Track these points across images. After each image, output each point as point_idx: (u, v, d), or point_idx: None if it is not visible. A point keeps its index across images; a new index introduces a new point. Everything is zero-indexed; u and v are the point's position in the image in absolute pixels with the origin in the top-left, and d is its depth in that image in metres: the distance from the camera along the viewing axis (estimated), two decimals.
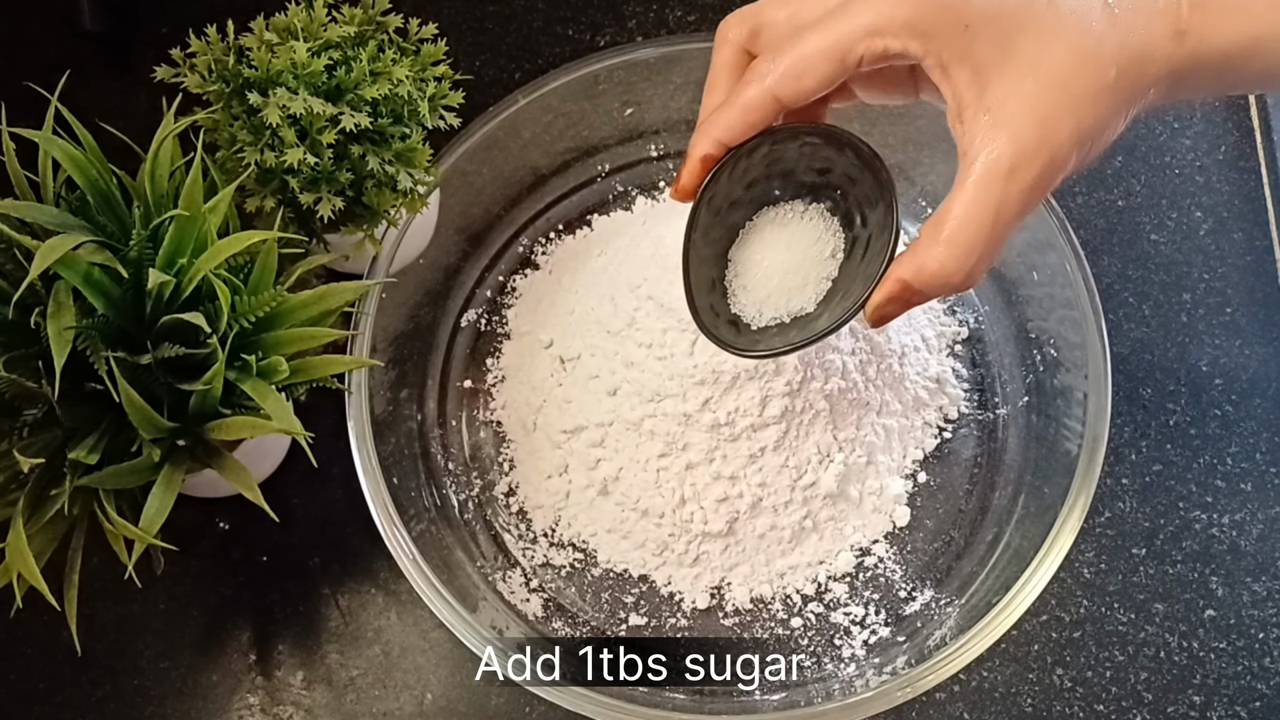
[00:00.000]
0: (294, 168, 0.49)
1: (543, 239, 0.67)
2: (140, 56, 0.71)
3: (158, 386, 0.47)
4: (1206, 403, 0.63)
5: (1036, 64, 0.38)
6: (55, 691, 0.58)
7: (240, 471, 0.48)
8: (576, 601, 0.59)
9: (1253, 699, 0.57)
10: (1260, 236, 0.66)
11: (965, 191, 0.39)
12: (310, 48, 0.50)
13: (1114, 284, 0.65)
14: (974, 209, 0.39)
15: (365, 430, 0.55)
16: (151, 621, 0.59)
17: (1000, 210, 0.39)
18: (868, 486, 0.60)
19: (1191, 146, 0.69)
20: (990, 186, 0.38)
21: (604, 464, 0.59)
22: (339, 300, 0.51)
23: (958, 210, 0.39)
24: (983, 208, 0.39)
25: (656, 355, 0.57)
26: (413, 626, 0.59)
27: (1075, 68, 0.38)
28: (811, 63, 0.40)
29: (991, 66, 0.38)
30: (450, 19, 0.72)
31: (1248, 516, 0.60)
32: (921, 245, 0.40)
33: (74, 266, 0.44)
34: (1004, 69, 0.38)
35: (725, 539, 0.58)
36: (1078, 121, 0.39)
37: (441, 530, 0.59)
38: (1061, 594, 0.59)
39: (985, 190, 0.39)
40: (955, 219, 0.39)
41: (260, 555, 0.60)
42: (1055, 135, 0.38)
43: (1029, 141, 0.38)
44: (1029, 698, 0.57)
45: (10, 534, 0.45)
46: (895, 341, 0.61)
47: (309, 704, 0.57)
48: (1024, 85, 0.38)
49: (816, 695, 0.55)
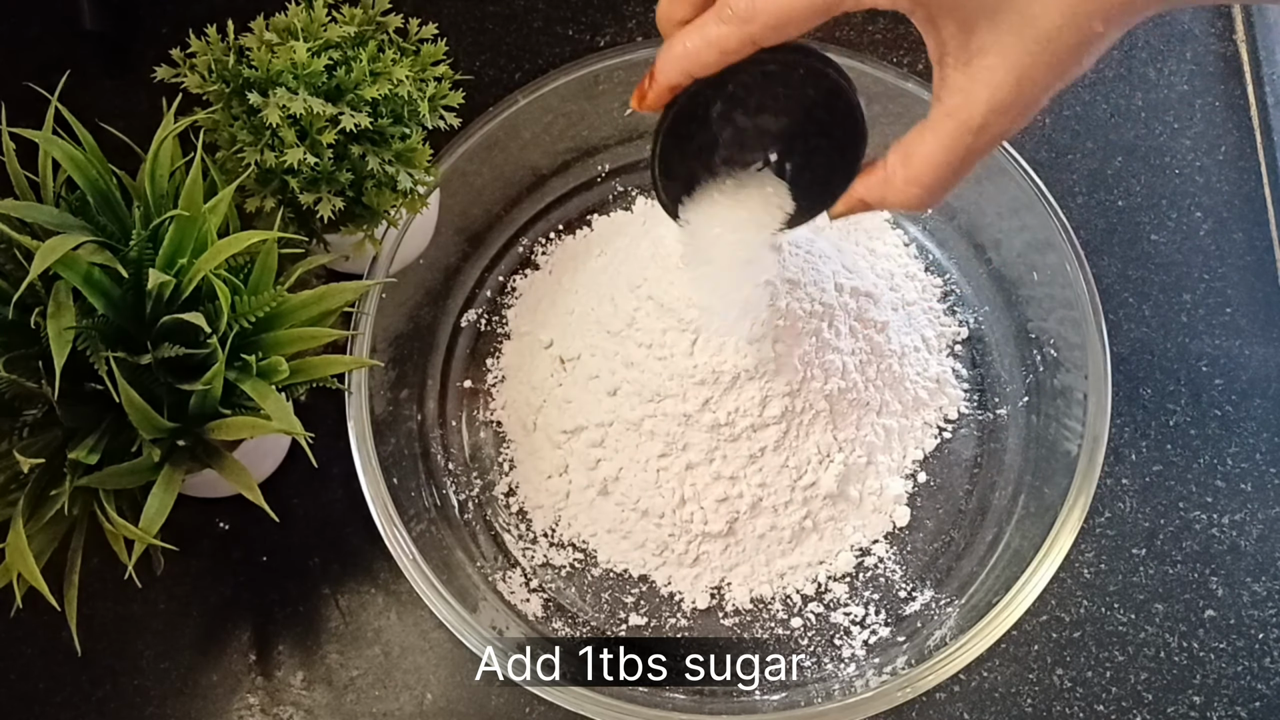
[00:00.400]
0: (294, 168, 0.49)
1: (543, 239, 0.67)
2: (140, 56, 0.71)
3: (158, 386, 0.47)
4: (1206, 403, 0.63)
5: (1022, 19, 0.38)
6: (55, 691, 0.58)
7: (240, 471, 0.48)
8: (576, 601, 0.59)
9: (1253, 699, 0.57)
10: (1260, 236, 0.66)
11: (936, 136, 0.40)
12: (310, 48, 0.50)
13: (1114, 284, 0.65)
14: (942, 154, 0.40)
15: (365, 430, 0.55)
16: (151, 621, 0.59)
17: (967, 157, 0.40)
18: (868, 486, 0.60)
19: (1191, 146, 0.69)
20: (960, 137, 0.40)
21: (604, 464, 0.59)
22: (339, 300, 0.51)
23: (925, 152, 0.41)
24: (950, 153, 0.40)
25: (656, 355, 0.57)
26: (413, 626, 0.59)
27: (1061, 25, 0.38)
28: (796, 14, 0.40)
29: (978, 18, 0.38)
30: (450, 19, 0.72)
31: (1248, 516, 0.60)
32: (888, 175, 0.42)
33: (74, 266, 0.44)
34: (992, 21, 0.38)
35: (725, 539, 0.58)
36: (1057, 76, 0.39)
37: (441, 530, 0.59)
38: (1061, 594, 0.59)
39: (955, 139, 0.40)
40: (923, 160, 0.41)
41: (260, 555, 0.60)
42: (1031, 91, 0.39)
43: (1005, 98, 0.39)
44: (1029, 698, 0.57)
45: (10, 534, 0.45)
46: (895, 342, 0.61)
47: (309, 704, 0.57)
48: (1007, 40, 0.38)
49: (816, 695, 0.55)
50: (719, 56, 0.41)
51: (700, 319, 0.55)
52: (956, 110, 0.40)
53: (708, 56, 0.41)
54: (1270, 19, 0.71)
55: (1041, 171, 0.60)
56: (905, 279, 0.65)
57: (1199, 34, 0.71)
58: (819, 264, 0.59)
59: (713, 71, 0.42)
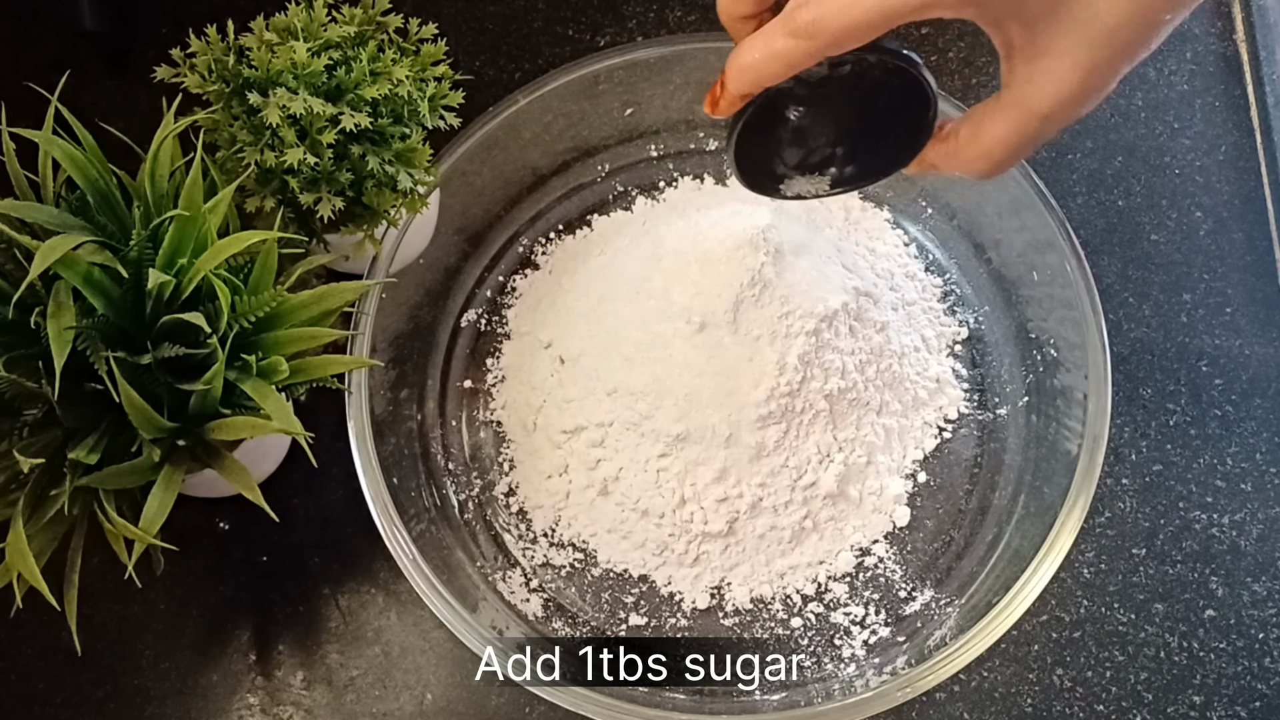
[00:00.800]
0: (294, 168, 0.49)
1: (543, 239, 0.67)
2: (140, 56, 0.71)
3: (158, 386, 0.47)
4: (1206, 403, 0.63)
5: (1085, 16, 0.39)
6: (55, 691, 0.58)
7: (240, 471, 0.48)
8: (576, 601, 0.59)
9: (1253, 699, 0.57)
10: (1260, 236, 0.66)
11: (1005, 118, 0.42)
12: (310, 48, 0.50)
13: (1114, 284, 0.65)
14: (1010, 137, 0.42)
15: (365, 430, 0.55)
16: (151, 621, 0.59)
17: (1035, 139, 0.42)
18: (868, 486, 0.60)
19: (1191, 146, 0.69)
20: (1028, 123, 0.41)
21: (604, 464, 0.59)
22: (339, 300, 0.51)
23: (994, 132, 0.42)
24: (1017, 135, 0.42)
25: (656, 355, 0.57)
26: (413, 626, 0.59)
27: (1125, 19, 0.38)
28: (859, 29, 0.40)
29: (1041, 19, 0.39)
30: (450, 19, 0.72)
31: (1248, 516, 0.60)
32: (959, 147, 0.44)
33: (74, 266, 0.44)
34: (1054, 19, 0.39)
35: (725, 539, 0.58)
36: (1124, 63, 0.40)
37: (441, 530, 0.59)
38: (1061, 594, 0.59)
39: (1022, 124, 0.41)
40: (991, 138, 0.42)
41: (260, 555, 0.60)
42: (1098, 81, 0.40)
43: (1070, 91, 0.40)
44: (1029, 698, 0.57)
45: (10, 534, 0.45)
46: (895, 341, 0.61)
47: (309, 704, 0.57)
48: (1071, 38, 0.39)
49: (816, 695, 0.55)
50: (785, 69, 0.42)
51: (701, 313, 0.56)
52: (1023, 99, 0.41)
53: (774, 68, 0.43)
54: (1270, 19, 0.71)
55: (1041, 171, 0.60)
56: (905, 279, 0.65)
57: (1199, 34, 0.71)
58: (824, 267, 0.59)
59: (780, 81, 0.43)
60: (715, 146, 0.69)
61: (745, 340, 0.56)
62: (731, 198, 0.67)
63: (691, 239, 0.58)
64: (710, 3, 0.73)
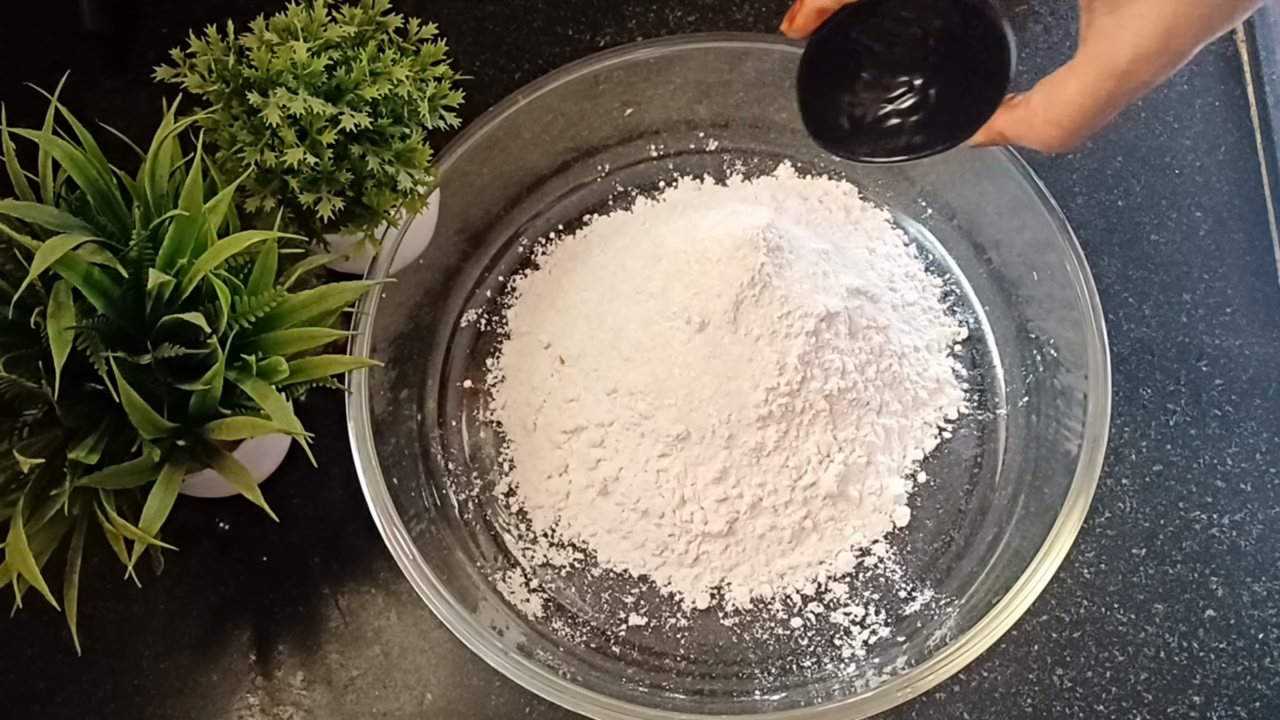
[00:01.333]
0: (294, 168, 0.49)
1: (543, 239, 0.67)
2: (140, 56, 0.71)
3: (158, 386, 0.47)
4: (1206, 403, 0.63)
5: None
6: (55, 691, 0.58)
7: (240, 471, 0.48)
8: (576, 601, 0.59)
9: (1253, 699, 0.57)
10: (1260, 236, 0.66)
11: (1080, 78, 0.40)
12: (310, 48, 0.50)
13: (1114, 284, 0.65)
14: (1084, 99, 0.41)
15: (365, 430, 0.55)
16: (151, 621, 0.59)
17: (1110, 101, 0.41)
18: (868, 486, 0.60)
19: (1191, 146, 0.69)
20: (1104, 82, 0.40)
21: (604, 464, 0.59)
22: (339, 300, 0.51)
23: (1068, 94, 0.41)
24: (1092, 98, 0.40)
25: (656, 355, 0.57)
26: (413, 626, 0.59)
27: None
28: None
29: None
30: (450, 19, 0.72)
31: (1248, 516, 0.60)
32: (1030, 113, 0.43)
33: (74, 266, 0.44)
34: None
35: (725, 539, 0.58)
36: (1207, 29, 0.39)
37: (441, 530, 0.59)
38: (1061, 594, 0.59)
39: (1098, 83, 0.40)
40: (1065, 101, 0.41)
41: (260, 555, 0.60)
42: (1178, 42, 0.39)
43: (1151, 47, 0.39)
44: (1029, 698, 0.57)
45: (10, 534, 0.45)
46: (895, 341, 0.61)
47: (309, 704, 0.57)
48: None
49: (816, 695, 0.55)
50: None
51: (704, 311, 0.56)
52: (1100, 54, 0.40)
53: None
54: (1270, 19, 0.71)
55: (1041, 171, 0.60)
56: (905, 279, 0.65)
57: None
58: (824, 267, 0.59)
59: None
60: (715, 146, 0.69)
61: (745, 340, 0.56)
62: (731, 198, 0.67)
63: (691, 239, 0.58)
64: (710, 3, 0.74)
